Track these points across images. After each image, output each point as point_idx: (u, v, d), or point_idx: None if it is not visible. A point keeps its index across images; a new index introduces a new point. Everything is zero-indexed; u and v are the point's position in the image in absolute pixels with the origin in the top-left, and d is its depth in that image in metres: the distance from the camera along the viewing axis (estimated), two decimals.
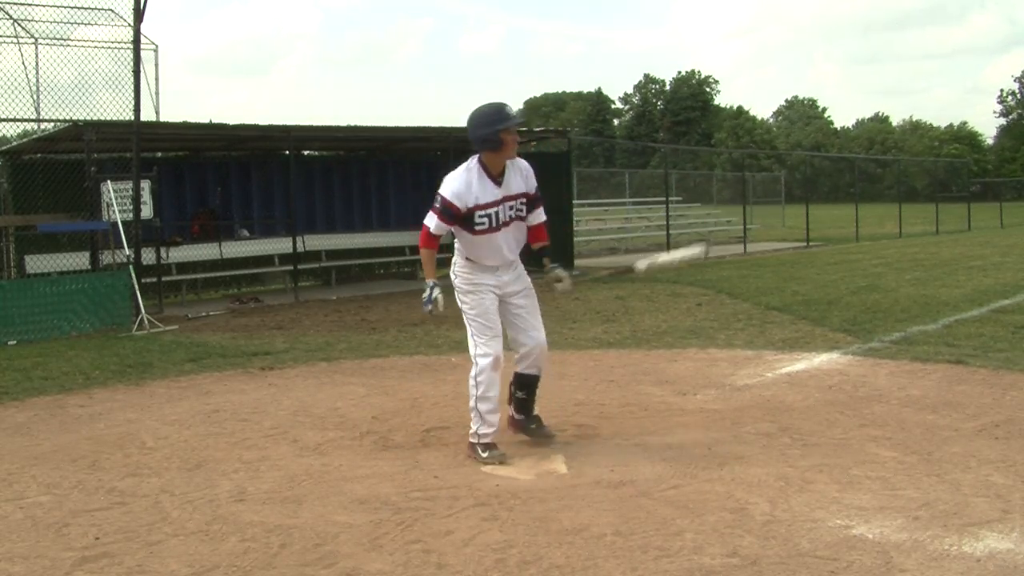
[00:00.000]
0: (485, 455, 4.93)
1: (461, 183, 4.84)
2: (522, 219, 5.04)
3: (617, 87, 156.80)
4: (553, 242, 18.22)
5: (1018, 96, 75.94)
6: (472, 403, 4.97)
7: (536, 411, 5.39)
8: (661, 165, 31.42)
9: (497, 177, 4.88)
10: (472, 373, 4.97)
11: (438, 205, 4.87)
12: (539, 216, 5.13)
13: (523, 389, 5.29)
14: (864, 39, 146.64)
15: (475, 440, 4.99)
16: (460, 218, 4.86)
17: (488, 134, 4.78)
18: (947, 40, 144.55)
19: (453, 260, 5.11)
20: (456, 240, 5.04)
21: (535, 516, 4.08)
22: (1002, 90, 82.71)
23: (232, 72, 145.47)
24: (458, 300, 5.06)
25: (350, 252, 16.11)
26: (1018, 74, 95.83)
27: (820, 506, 4.13)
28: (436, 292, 4.96)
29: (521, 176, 4.98)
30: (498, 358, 4.93)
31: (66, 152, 11.69)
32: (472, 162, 4.93)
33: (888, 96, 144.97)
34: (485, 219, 4.86)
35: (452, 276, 5.09)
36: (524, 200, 5.00)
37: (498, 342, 4.97)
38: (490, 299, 4.99)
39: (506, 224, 4.94)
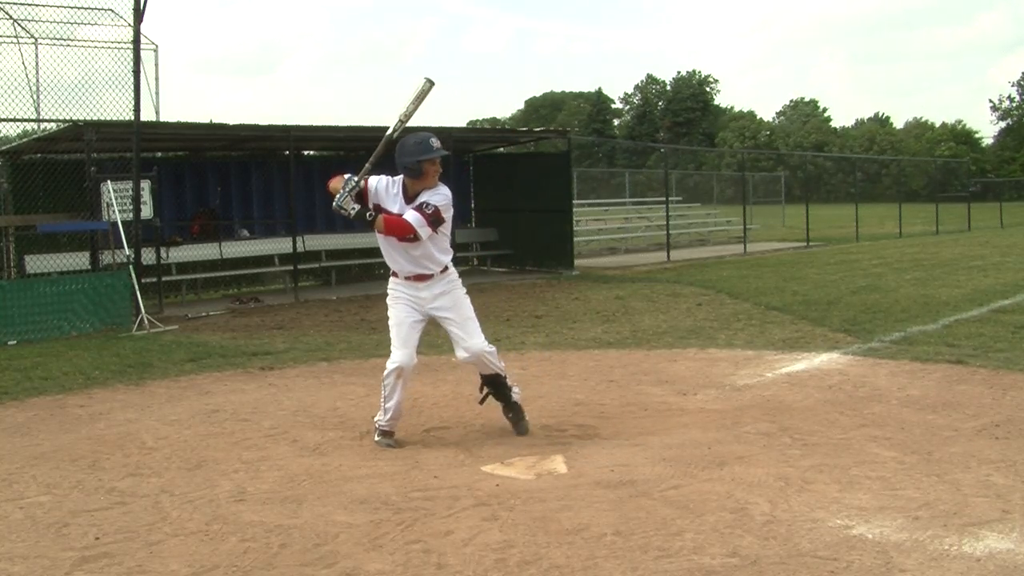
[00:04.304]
0: (377, 439, 5.40)
1: (385, 180, 5.34)
2: (420, 239, 5.22)
3: (618, 87, 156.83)
4: (553, 242, 18.13)
5: (1015, 100, 75.82)
6: (382, 399, 5.39)
7: (517, 397, 5.60)
8: (660, 165, 31.43)
9: (412, 197, 5.26)
10: (383, 374, 5.37)
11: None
12: (405, 212, 5.22)
13: (487, 385, 5.62)
14: (868, 39, 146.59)
15: (376, 425, 5.45)
16: (365, 199, 5.27)
17: (411, 163, 5.20)
18: (952, 40, 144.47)
19: None
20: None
21: (535, 516, 4.08)
22: (990, 100, 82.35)
23: (237, 71, 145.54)
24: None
25: (350, 252, 16.10)
26: (1017, 77, 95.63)
27: (820, 506, 4.13)
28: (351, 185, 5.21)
29: (433, 193, 5.25)
30: (402, 368, 5.30)
31: (66, 152, 11.68)
32: (399, 177, 5.35)
33: (891, 96, 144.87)
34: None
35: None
36: (415, 205, 5.24)
37: (405, 353, 5.32)
38: (405, 312, 5.40)
39: (408, 241, 5.22)
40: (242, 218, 15.46)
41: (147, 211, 11.47)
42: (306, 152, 17.42)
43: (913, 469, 4.65)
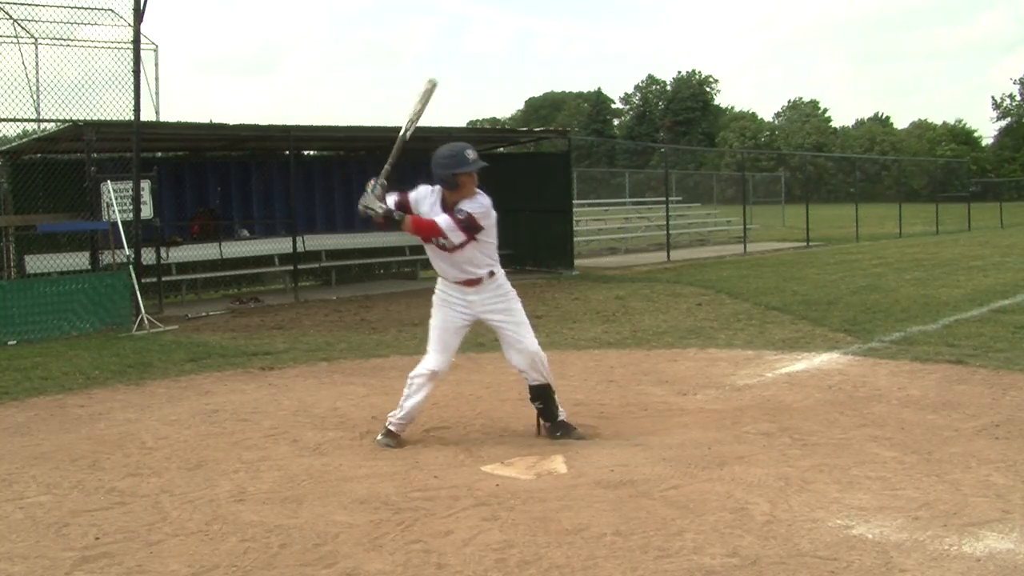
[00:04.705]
0: (380, 437, 5.37)
1: (424, 189, 5.26)
2: (463, 246, 5.16)
3: (618, 87, 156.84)
4: (553, 242, 18.12)
5: (1016, 99, 75.75)
6: (405, 395, 5.34)
7: (563, 415, 5.51)
8: (661, 165, 31.44)
9: (449, 207, 5.14)
10: (412, 372, 5.35)
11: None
12: (436, 216, 5.12)
13: (537, 399, 5.48)
14: (868, 39, 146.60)
15: (387, 423, 5.39)
16: (407, 208, 5.22)
17: (446, 175, 5.09)
18: (952, 40, 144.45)
19: None
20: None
21: (535, 516, 4.08)
22: (993, 97, 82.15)
23: (237, 71, 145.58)
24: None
25: (350, 252, 16.11)
26: (1018, 76, 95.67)
27: (820, 506, 4.13)
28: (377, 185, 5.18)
29: (470, 202, 5.13)
30: (435, 372, 5.31)
31: (66, 152, 11.69)
32: (438, 187, 5.23)
33: (891, 96, 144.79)
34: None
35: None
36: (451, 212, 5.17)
37: (443, 359, 5.31)
38: (451, 317, 5.30)
39: (447, 249, 5.17)
40: (242, 218, 15.46)
41: (147, 211, 11.47)
42: (306, 152, 17.42)
43: (913, 469, 4.65)
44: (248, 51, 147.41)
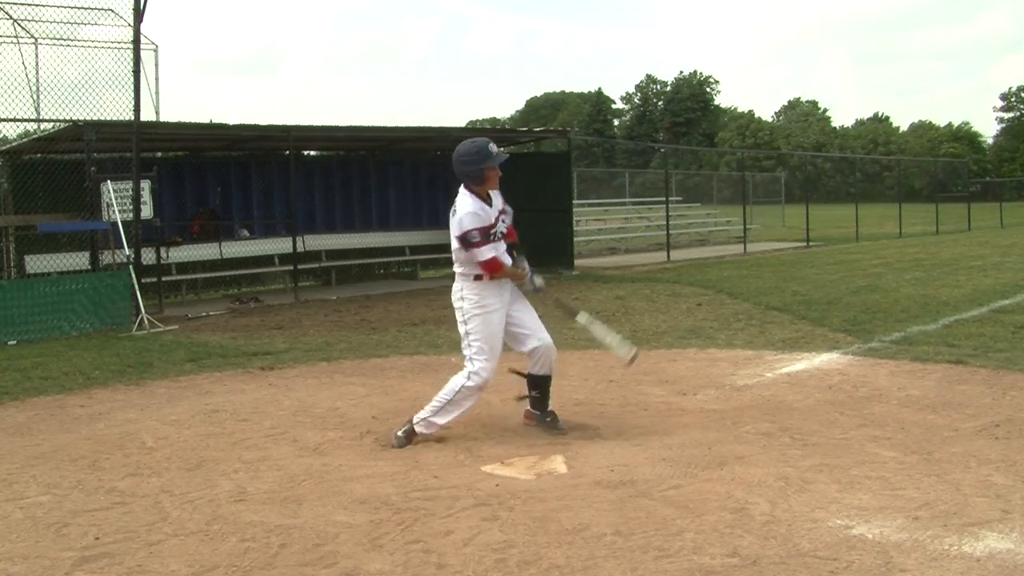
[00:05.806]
0: (399, 439, 5.31)
1: (477, 206, 5.25)
2: (509, 230, 5.47)
3: (618, 87, 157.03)
4: (553, 242, 18.06)
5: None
6: (444, 400, 5.32)
7: (551, 407, 5.68)
8: (662, 166, 31.44)
9: (487, 199, 5.36)
10: (464, 379, 5.30)
11: (478, 236, 5.18)
12: (482, 256, 5.32)
13: (537, 388, 5.62)
14: (869, 39, 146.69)
15: (415, 423, 5.35)
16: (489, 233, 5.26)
17: (473, 171, 5.26)
18: (953, 40, 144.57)
19: (457, 287, 5.38)
20: (461, 267, 5.35)
21: (535, 516, 4.08)
22: (1009, 88, 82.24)
23: (238, 72, 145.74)
24: (463, 321, 5.33)
25: (350, 252, 16.12)
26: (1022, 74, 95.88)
27: (820, 506, 4.13)
28: (539, 280, 5.50)
29: (498, 195, 5.47)
30: (487, 381, 5.31)
31: (66, 152, 11.69)
32: (464, 191, 5.32)
33: (891, 96, 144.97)
34: (494, 234, 5.32)
35: (458, 301, 5.35)
36: (505, 213, 5.46)
37: (494, 365, 5.31)
38: (497, 320, 5.31)
39: (502, 237, 5.40)
40: (242, 218, 15.46)
41: (147, 211, 11.48)
42: (306, 152, 17.42)
43: (913, 469, 4.65)
44: (248, 51, 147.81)
